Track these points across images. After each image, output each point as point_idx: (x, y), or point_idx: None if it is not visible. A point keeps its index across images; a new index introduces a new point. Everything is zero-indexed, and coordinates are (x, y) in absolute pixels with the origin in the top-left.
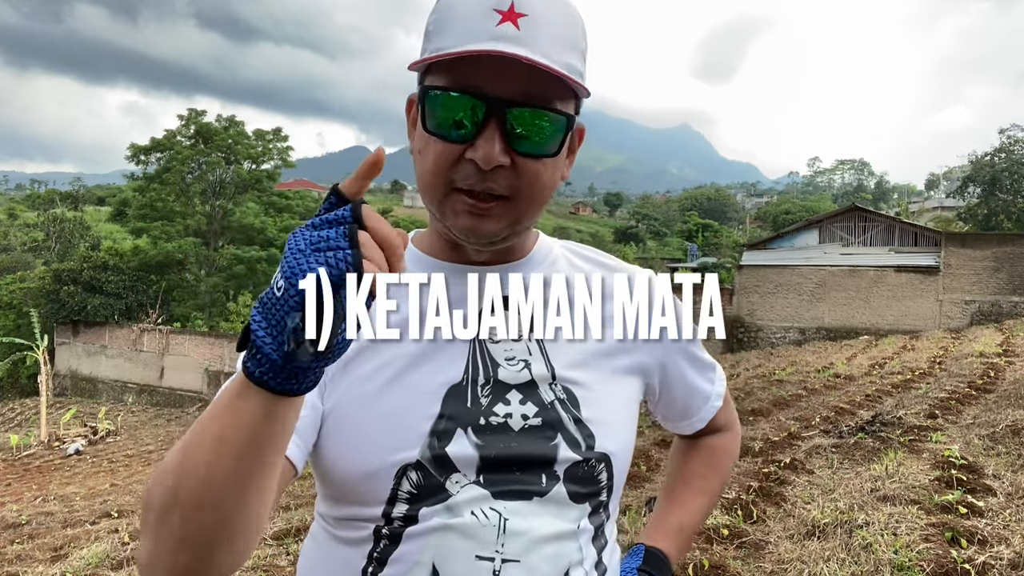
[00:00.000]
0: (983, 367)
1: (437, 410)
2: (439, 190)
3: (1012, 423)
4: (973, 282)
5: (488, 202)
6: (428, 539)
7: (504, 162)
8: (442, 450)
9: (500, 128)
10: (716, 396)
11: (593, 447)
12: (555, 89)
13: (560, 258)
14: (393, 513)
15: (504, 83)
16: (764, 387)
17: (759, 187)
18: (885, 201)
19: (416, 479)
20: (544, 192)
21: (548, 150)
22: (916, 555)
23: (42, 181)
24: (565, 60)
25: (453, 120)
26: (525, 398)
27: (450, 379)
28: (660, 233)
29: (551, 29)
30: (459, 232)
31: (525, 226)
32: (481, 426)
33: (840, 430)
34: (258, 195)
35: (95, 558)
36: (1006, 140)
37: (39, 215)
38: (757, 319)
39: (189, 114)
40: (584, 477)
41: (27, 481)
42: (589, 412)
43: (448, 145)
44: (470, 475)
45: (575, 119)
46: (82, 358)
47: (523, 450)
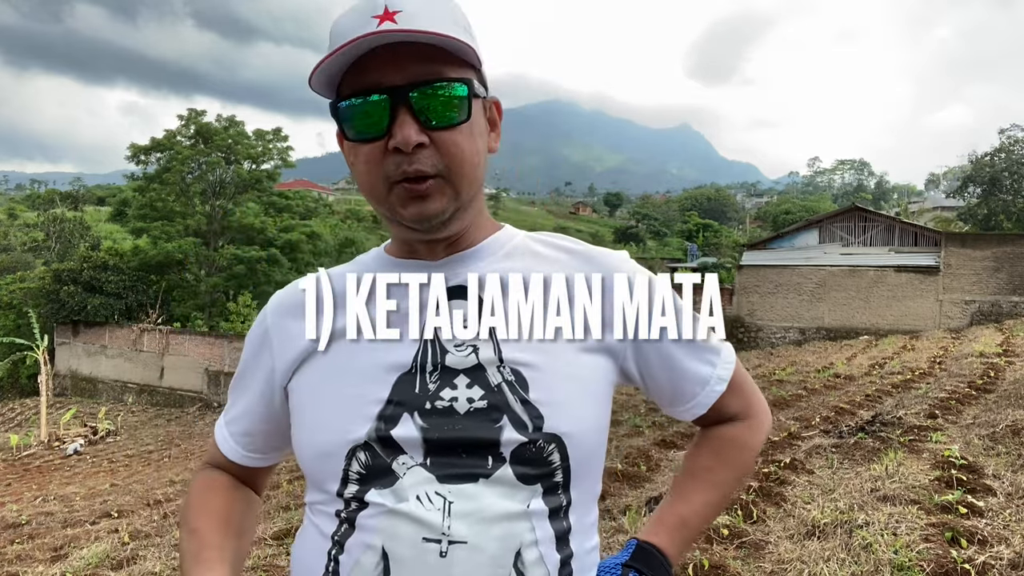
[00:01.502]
0: (983, 367)
1: (386, 395)
2: (379, 190)
3: (1012, 423)
4: (973, 282)
5: (423, 183)
6: (377, 523)
7: (422, 139)
8: (388, 432)
9: (409, 111)
10: (718, 380)
11: (541, 428)
12: (446, 62)
13: (519, 248)
14: (346, 493)
15: (397, 71)
16: (764, 387)
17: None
18: (885, 201)
19: (365, 459)
20: (470, 159)
21: (457, 118)
22: (916, 555)
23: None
24: (445, 31)
25: (367, 121)
26: (472, 382)
27: (400, 366)
28: (660, 233)
29: (428, 14)
30: (410, 221)
31: (466, 199)
32: (427, 410)
33: (840, 430)
34: (258, 195)
35: (95, 558)
36: (1006, 140)
37: (39, 215)
38: (757, 319)
39: (189, 114)
40: (532, 458)
41: (27, 481)
42: (538, 393)
43: (371, 145)
44: (416, 457)
45: (475, 85)
46: (82, 358)
47: (467, 433)
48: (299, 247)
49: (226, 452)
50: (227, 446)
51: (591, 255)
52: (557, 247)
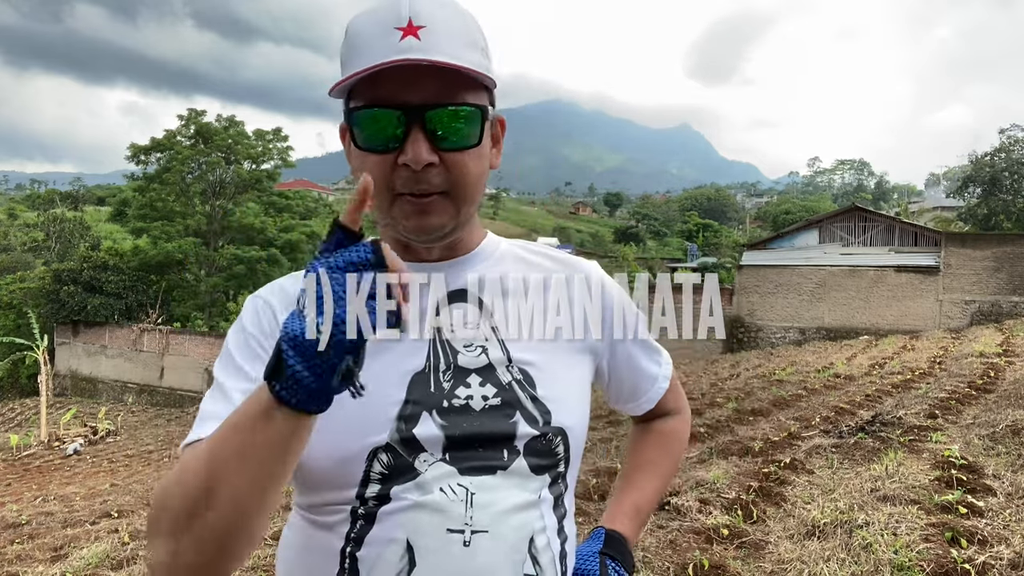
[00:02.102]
0: (983, 367)
1: (403, 396)
2: (384, 199)
3: (1012, 423)
4: (973, 282)
5: (426, 197)
6: (401, 517)
7: (432, 159)
8: (409, 432)
9: (423, 131)
10: (663, 378)
11: (550, 422)
12: (464, 86)
13: (507, 254)
14: (367, 494)
15: (417, 90)
16: (764, 387)
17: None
18: (885, 201)
19: (387, 460)
20: (475, 181)
21: (469, 142)
22: (916, 555)
23: (42, 181)
24: (467, 57)
25: (380, 133)
26: (484, 380)
27: (413, 367)
28: (660, 233)
29: (449, 34)
30: (410, 233)
31: (465, 217)
32: (445, 408)
33: (840, 430)
34: (258, 195)
35: (95, 558)
36: (1006, 140)
37: (39, 215)
38: (757, 319)
39: (189, 114)
40: (543, 450)
41: (27, 481)
42: (544, 390)
43: (381, 156)
44: (436, 454)
45: (489, 110)
46: (82, 358)
47: (485, 428)
48: (299, 247)
49: None
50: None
51: (570, 262)
52: (540, 253)
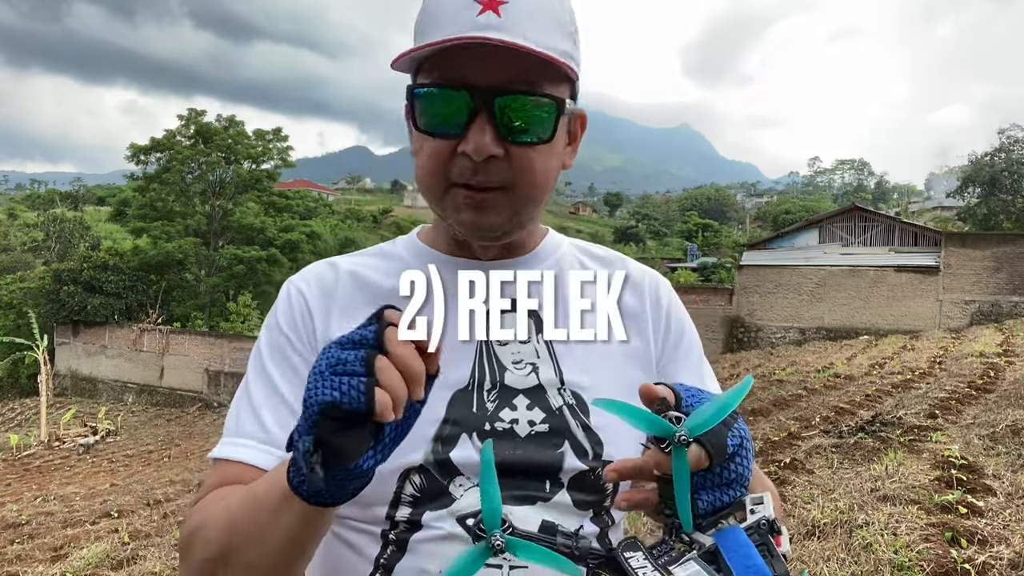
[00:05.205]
0: (983, 367)
1: (442, 414)
2: (438, 188)
3: (1012, 423)
4: (973, 282)
5: (484, 191)
6: (434, 547)
7: (497, 152)
8: (446, 455)
9: (489, 118)
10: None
11: (601, 455)
12: (543, 73)
13: (568, 255)
14: (397, 516)
15: (489, 72)
16: (764, 387)
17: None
18: (885, 201)
19: (419, 482)
20: (542, 181)
21: (540, 136)
22: (916, 555)
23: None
24: (550, 42)
25: (442, 115)
26: (532, 403)
27: (456, 383)
28: (660, 233)
29: (533, 12)
30: (462, 227)
31: (527, 217)
32: (486, 431)
33: (840, 430)
34: (258, 195)
35: (95, 558)
36: (1006, 140)
37: (39, 215)
38: (757, 319)
39: (189, 114)
40: (590, 486)
41: (27, 481)
42: (598, 418)
43: (440, 141)
44: (473, 479)
45: (566, 103)
46: (82, 358)
47: (528, 457)
48: (299, 247)
49: (257, 456)
50: (262, 437)
51: (640, 271)
52: (598, 258)
